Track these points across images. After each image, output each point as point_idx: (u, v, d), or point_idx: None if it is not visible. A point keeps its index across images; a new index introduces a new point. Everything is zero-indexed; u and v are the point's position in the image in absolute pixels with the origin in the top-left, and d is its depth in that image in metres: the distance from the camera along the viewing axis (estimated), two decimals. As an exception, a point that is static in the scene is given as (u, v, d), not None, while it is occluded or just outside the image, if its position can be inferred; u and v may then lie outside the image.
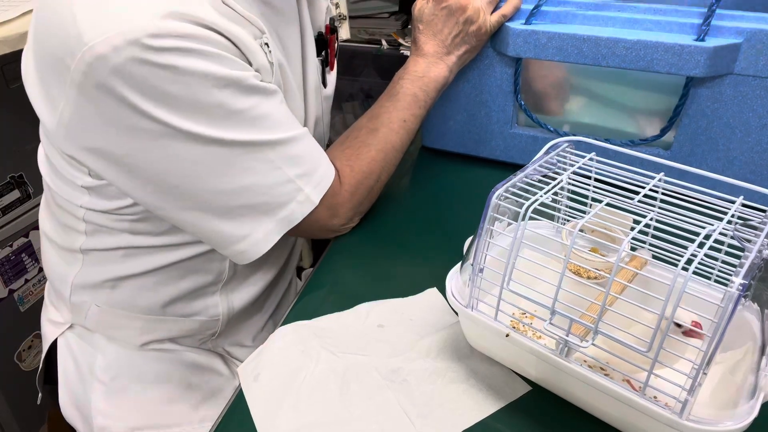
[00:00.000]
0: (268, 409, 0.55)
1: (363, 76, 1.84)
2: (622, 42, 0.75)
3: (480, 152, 0.95)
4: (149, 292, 0.75)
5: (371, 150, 0.75)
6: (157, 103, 0.55)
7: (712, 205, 0.50)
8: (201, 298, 0.78)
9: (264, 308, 0.89)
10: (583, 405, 0.53)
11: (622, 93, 0.85)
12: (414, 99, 0.78)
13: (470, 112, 0.92)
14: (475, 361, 0.58)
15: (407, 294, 0.67)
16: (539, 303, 0.49)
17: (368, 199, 0.77)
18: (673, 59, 0.73)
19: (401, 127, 0.77)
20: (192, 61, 0.54)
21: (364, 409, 0.54)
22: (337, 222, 0.74)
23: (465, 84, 0.90)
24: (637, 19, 0.77)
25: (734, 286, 0.41)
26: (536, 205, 0.49)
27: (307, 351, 0.60)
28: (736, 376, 0.50)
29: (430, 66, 0.80)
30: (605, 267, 0.56)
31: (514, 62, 0.85)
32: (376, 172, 0.75)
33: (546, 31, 0.79)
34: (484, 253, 0.52)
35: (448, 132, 0.96)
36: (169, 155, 0.58)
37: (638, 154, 0.56)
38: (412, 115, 0.78)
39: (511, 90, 0.87)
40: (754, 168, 0.78)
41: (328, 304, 0.66)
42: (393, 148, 0.77)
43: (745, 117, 0.76)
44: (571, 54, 0.79)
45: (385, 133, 0.76)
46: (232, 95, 0.58)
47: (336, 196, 0.71)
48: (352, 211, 0.75)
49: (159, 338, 0.79)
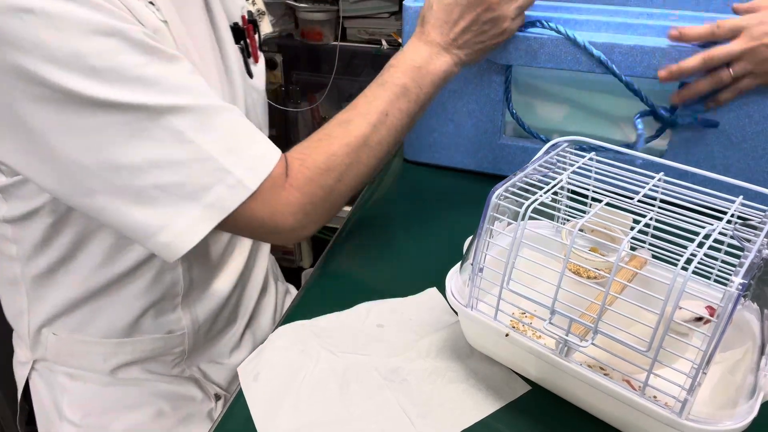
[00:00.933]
0: (267, 409, 0.55)
1: (363, 76, 1.84)
2: (617, 47, 0.73)
3: (467, 165, 0.91)
4: (104, 314, 0.70)
5: (333, 143, 0.63)
6: (36, 59, 0.49)
7: (711, 205, 0.50)
8: (162, 315, 0.73)
9: (237, 318, 0.83)
10: (582, 405, 0.53)
11: (609, 101, 0.83)
12: (402, 91, 0.67)
13: (457, 122, 0.88)
14: (474, 360, 0.58)
15: (407, 294, 0.67)
16: (539, 303, 0.49)
17: (326, 201, 0.63)
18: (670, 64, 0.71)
19: (380, 121, 0.65)
20: (65, 6, 0.49)
21: (364, 408, 0.54)
22: (282, 223, 0.61)
23: (451, 93, 0.86)
24: (630, 24, 0.75)
25: (734, 285, 0.41)
26: (536, 204, 0.49)
27: (307, 351, 0.60)
28: (735, 375, 0.50)
29: (433, 56, 0.69)
30: (605, 267, 0.56)
31: (504, 69, 0.81)
32: (336, 169, 0.62)
33: (538, 37, 0.76)
34: (483, 252, 0.52)
35: (433, 144, 0.91)
36: (61, 123, 0.52)
37: (638, 154, 0.56)
38: (398, 109, 0.67)
39: (501, 99, 0.83)
40: (751, 175, 0.77)
41: (328, 304, 0.66)
42: (365, 144, 0.64)
43: (740, 123, 0.74)
44: (565, 61, 0.76)
45: (357, 126, 0.64)
46: (118, 47, 0.51)
47: (277, 189, 0.60)
48: (300, 213, 0.61)
49: (125, 362, 0.74)
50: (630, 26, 0.75)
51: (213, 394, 0.79)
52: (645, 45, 0.72)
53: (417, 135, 0.92)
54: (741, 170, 0.78)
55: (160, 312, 0.72)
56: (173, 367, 0.77)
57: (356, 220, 0.83)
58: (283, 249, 1.98)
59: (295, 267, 2.00)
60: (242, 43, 0.75)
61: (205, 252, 0.73)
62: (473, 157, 0.90)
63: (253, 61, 0.78)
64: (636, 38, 0.74)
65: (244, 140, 0.59)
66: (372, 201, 0.87)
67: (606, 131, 0.85)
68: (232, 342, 0.82)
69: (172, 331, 0.74)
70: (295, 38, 1.88)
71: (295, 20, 1.86)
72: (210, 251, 0.74)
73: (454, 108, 0.87)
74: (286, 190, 0.60)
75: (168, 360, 0.76)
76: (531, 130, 0.85)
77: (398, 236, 0.79)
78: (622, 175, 0.53)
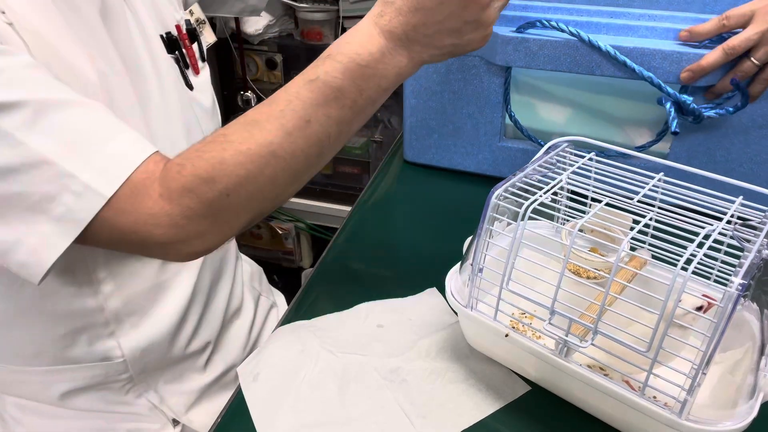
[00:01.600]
0: (267, 409, 0.55)
1: (363, 76, 1.84)
2: (618, 50, 0.72)
3: (467, 167, 0.90)
4: (28, 343, 0.65)
5: (227, 149, 0.51)
6: None
7: (711, 205, 0.50)
8: (96, 342, 0.66)
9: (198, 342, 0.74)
10: (582, 405, 0.53)
11: (609, 103, 0.82)
12: (336, 94, 0.52)
13: (456, 124, 0.87)
14: (474, 361, 0.58)
15: (407, 294, 0.67)
16: (539, 303, 0.49)
17: (207, 218, 0.51)
18: (671, 67, 0.71)
19: (298, 128, 0.52)
20: None
21: (364, 409, 0.54)
22: (149, 237, 0.51)
23: (450, 95, 0.85)
24: (631, 26, 0.74)
25: (734, 286, 0.41)
26: (536, 205, 0.49)
27: (307, 351, 0.60)
28: (735, 376, 0.50)
29: (387, 53, 0.53)
30: (605, 267, 0.56)
31: (504, 71, 0.80)
32: (221, 181, 0.50)
33: (537, 39, 0.75)
34: (483, 253, 0.52)
35: (433, 146, 0.91)
36: None
37: (638, 154, 0.56)
38: (325, 115, 0.52)
39: (500, 101, 0.83)
40: (754, 179, 0.73)
41: (328, 304, 0.66)
42: (271, 155, 0.51)
43: (744, 126, 0.74)
44: (564, 63, 0.75)
45: (266, 130, 0.51)
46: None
47: (141, 197, 0.50)
48: (170, 227, 0.51)
49: (70, 390, 0.68)
50: (631, 28, 0.75)
51: (171, 419, 0.74)
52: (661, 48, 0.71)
53: (417, 136, 0.91)
54: (744, 174, 0.77)
55: (92, 339, 0.66)
56: (126, 393, 0.71)
57: (356, 220, 0.83)
58: (283, 249, 1.98)
59: (295, 267, 2.00)
60: (176, 54, 0.69)
61: (134, 273, 0.65)
62: (473, 159, 0.90)
63: (193, 73, 0.72)
64: (639, 40, 0.73)
65: (96, 139, 0.50)
66: (372, 201, 0.87)
67: (609, 134, 0.85)
68: (195, 366, 0.75)
69: (109, 358, 0.67)
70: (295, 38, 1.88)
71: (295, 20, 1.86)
72: (140, 273, 0.66)
73: (454, 110, 0.86)
74: (151, 199, 0.50)
75: (117, 387, 0.71)
76: (530, 133, 0.84)
77: (398, 236, 0.79)
78: (621, 176, 0.53)
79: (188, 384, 0.75)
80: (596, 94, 0.83)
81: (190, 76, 0.72)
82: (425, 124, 0.89)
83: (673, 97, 0.72)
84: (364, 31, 0.54)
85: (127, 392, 0.72)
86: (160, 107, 0.65)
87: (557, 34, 0.74)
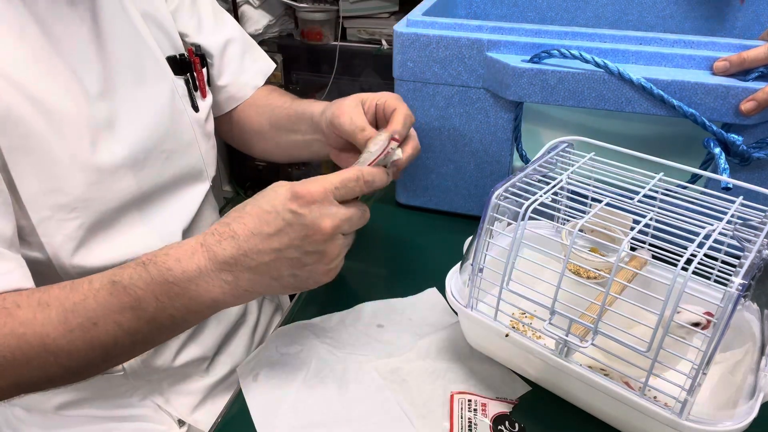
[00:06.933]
0: (267, 409, 0.55)
1: (363, 76, 1.84)
2: (653, 83, 0.61)
3: (469, 210, 0.79)
4: None
5: (6, 325, 0.48)
6: None
7: (711, 205, 0.50)
8: None
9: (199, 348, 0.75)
10: (582, 405, 0.53)
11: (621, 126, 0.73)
12: (134, 305, 0.49)
13: (457, 163, 0.76)
14: (474, 361, 0.58)
15: (407, 294, 0.67)
16: (539, 303, 0.49)
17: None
18: (715, 103, 0.60)
19: (82, 328, 0.49)
20: None
21: (363, 409, 0.54)
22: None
23: (451, 131, 0.74)
24: (665, 54, 0.63)
25: (734, 286, 0.41)
26: (536, 205, 0.49)
27: (307, 351, 0.60)
28: (735, 376, 0.50)
29: (205, 275, 0.49)
30: (605, 267, 0.56)
31: (514, 106, 0.70)
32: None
33: (556, 71, 0.63)
34: (483, 253, 0.52)
35: (430, 186, 0.79)
36: None
37: (638, 154, 0.56)
38: (115, 323, 0.49)
39: (509, 138, 0.72)
40: None
41: (328, 304, 0.66)
42: (41, 347, 0.48)
43: None
44: (589, 98, 0.64)
45: (47, 319, 0.49)
46: None
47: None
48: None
49: (69, 401, 0.70)
50: (665, 56, 0.63)
51: (177, 420, 0.75)
52: (703, 81, 0.60)
53: (411, 176, 0.80)
54: None
55: None
56: (130, 397, 0.73)
57: (356, 220, 0.82)
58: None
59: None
60: (187, 76, 0.72)
61: None
62: (476, 202, 0.78)
63: (200, 96, 0.75)
64: (675, 71, 0.62)
65: None
66: (372, 201, 0.87)
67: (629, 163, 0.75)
68: (199, 369, 0.77)
69: (109, 371, 0.69)
70: (295, 38, 1.88)
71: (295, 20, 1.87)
72: None
73: (455, 147, 0.75)
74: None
75: (118, 395, 0.72)
76: None
77: (398, 236, 0.79)
78: (622, 175, 0.53)
79: (193, 385, 0.76)
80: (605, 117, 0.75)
81: (197, 99, 0.74)
82: (421, 163, 0.78)
83: (719, 136, 0.60)
84: (188, 246, 0.50)
85: (131, 396, 0.73)
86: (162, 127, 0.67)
87: (579, 65, 0.63)
